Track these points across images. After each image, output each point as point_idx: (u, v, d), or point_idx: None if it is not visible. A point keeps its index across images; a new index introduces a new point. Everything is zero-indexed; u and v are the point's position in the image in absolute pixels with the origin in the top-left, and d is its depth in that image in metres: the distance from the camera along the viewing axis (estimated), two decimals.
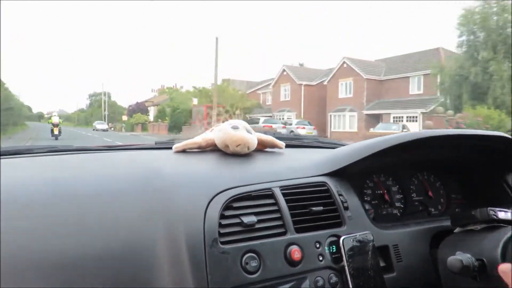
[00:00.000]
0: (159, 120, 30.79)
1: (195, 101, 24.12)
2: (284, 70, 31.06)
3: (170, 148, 0.92)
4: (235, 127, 0.87)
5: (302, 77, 29.53)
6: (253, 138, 0.88)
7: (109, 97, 53.13)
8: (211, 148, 0.92)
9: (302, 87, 29.32)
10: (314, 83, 29.62)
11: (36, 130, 27.98)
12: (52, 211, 0.59)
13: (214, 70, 19.54)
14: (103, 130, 37.45)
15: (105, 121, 46.15)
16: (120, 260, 0.57)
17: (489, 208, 0.77)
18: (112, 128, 43.14)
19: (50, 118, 17.88)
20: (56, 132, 16.62)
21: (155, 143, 1.06)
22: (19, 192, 0.62)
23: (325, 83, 27.66)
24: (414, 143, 0.88)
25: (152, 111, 44.02)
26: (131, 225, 0.60)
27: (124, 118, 43.70)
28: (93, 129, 39.65)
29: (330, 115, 26.30)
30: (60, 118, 16.96)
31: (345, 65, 25.97)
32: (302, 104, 29.48)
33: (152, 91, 58.56)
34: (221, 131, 0.88)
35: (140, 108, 42.52)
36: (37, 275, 0.53)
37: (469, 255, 0.70)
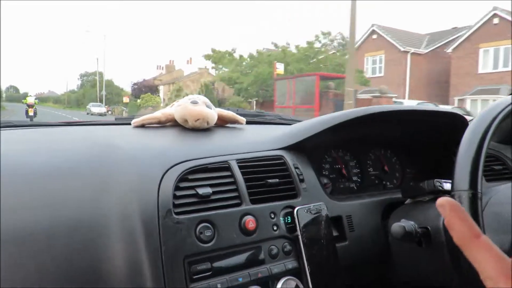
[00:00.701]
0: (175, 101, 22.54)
1: (280, 67, 13.60)
2: (373, 32, 20.20)
3: (130, 124, 1.04)
4: (194, 102, 0.98)
5: (408, 42, 18.98)
6: (212, 113, 1.00)
7: (102, 77, 49.63)
8: (171, 124, 1.04)
9: (408, 57, 18.83)
10: (423, 51, 19.11)
11: (15, 112, 25.86)
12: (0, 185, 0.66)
13: (350, 15, 11.21)
14: (100, 115, 32.48)
15: (102, 103, 42.00)
16: (70, 235, 0.64)
17: (435, 180, 0.89)
18: (110, 112, 38.56)
19: (25, 98, 18.05)
20: (31, 113, 16.43)
21: (115, 119, 1.18)
22: None
23: (449, 50, 17.12)
24: (368, 118, 0.99)
25: (162, 92, 38.37)
26: (82, 200, 0.68)
27: (126, 99, 39.42)
28: (88, 113, 35.06)
29: (464, 99, 16.12)
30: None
31: (495, 21, 15.62)
32: (407, 81, 19.19)
33: (158, 68, 53.53)
34: (180, 106, 0.99)
35: (149, 87, 38.15)
36: None
37: (412, 222, 0.82)
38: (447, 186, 0.88)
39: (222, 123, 1.10)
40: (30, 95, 18.10)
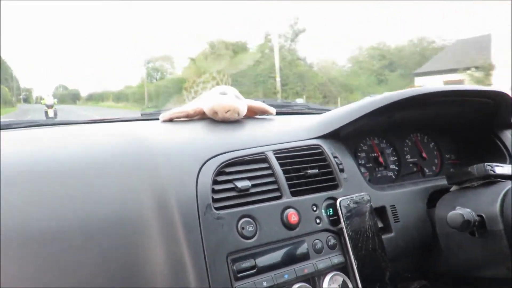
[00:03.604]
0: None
1: None
2: None
3: (157, 119, 1.04)
4: (223, 93, 0.97)
5: None
6: (242, 104, 0.99)
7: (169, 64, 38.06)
8: (199, 117, 1.03)
9: None
10: None
11: (29, 112, 24.81)
12: (33, 185, 0.65)
13: None
14: None
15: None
16: (106, 232, 0.63)
17: (486, 163, 0.86)
18: None
19: (42, 98, 19.61)
20: (51, 114, 17.01)
21: (141, 115, 1.17)
22: None
23: None
24: (408, 101, 0.97)
25: None
26: (117, 195, 0.67)
27: None
28: None
29: None
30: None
31: None
32: None
33: None
34: (209, 98, 0.98)
35: None
36: (19, 250, 0.58)
37: (469, 210, 0.79)
38: (498, 170, 0.85)
39: (252, 114, 1.08)
40: (48, 95, 18.87)
